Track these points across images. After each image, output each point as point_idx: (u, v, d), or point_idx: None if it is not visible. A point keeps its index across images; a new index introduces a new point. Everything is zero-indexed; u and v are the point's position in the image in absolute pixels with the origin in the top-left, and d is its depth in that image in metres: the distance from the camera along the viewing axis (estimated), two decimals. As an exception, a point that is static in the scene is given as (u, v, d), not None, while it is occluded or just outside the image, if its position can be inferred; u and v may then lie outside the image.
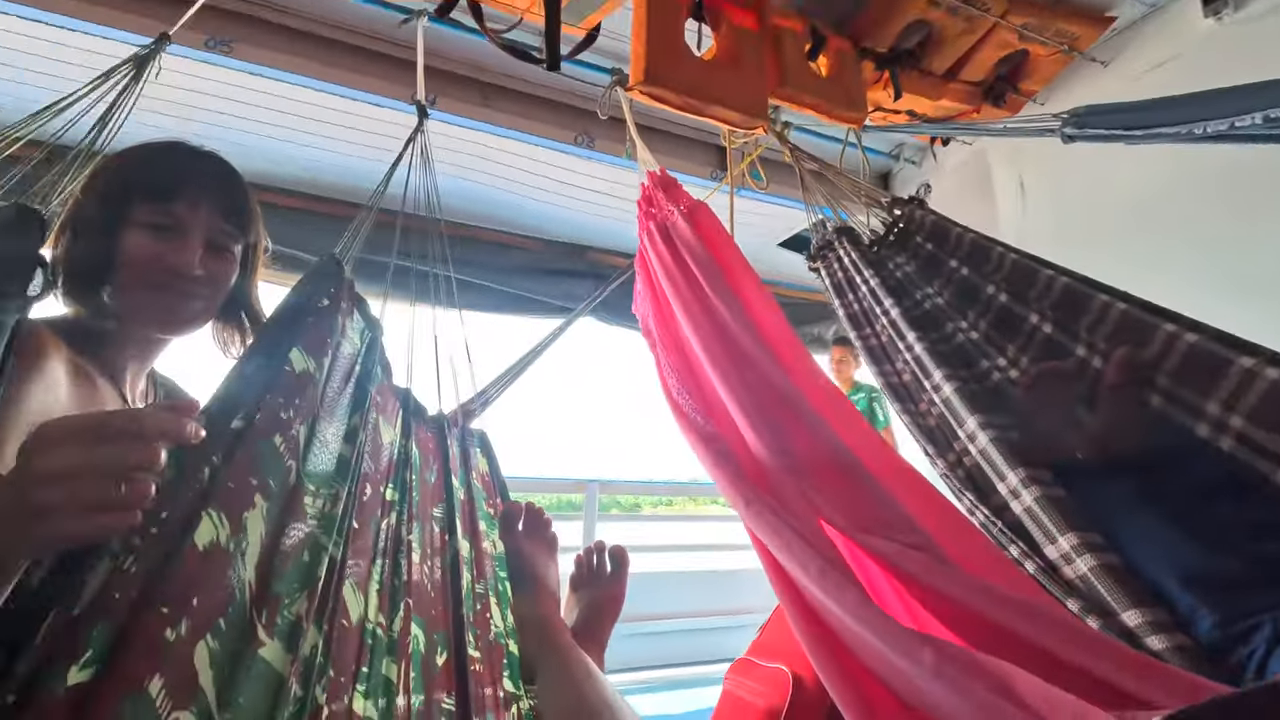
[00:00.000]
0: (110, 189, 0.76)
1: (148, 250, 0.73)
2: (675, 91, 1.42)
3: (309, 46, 1.65)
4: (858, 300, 1.47)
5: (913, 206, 1.45)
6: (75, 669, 0.37)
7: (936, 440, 1.23)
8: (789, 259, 2.87)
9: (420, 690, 0.62)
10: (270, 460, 0.53)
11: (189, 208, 0.76)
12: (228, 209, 0.79)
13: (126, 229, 0.73)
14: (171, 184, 0.75)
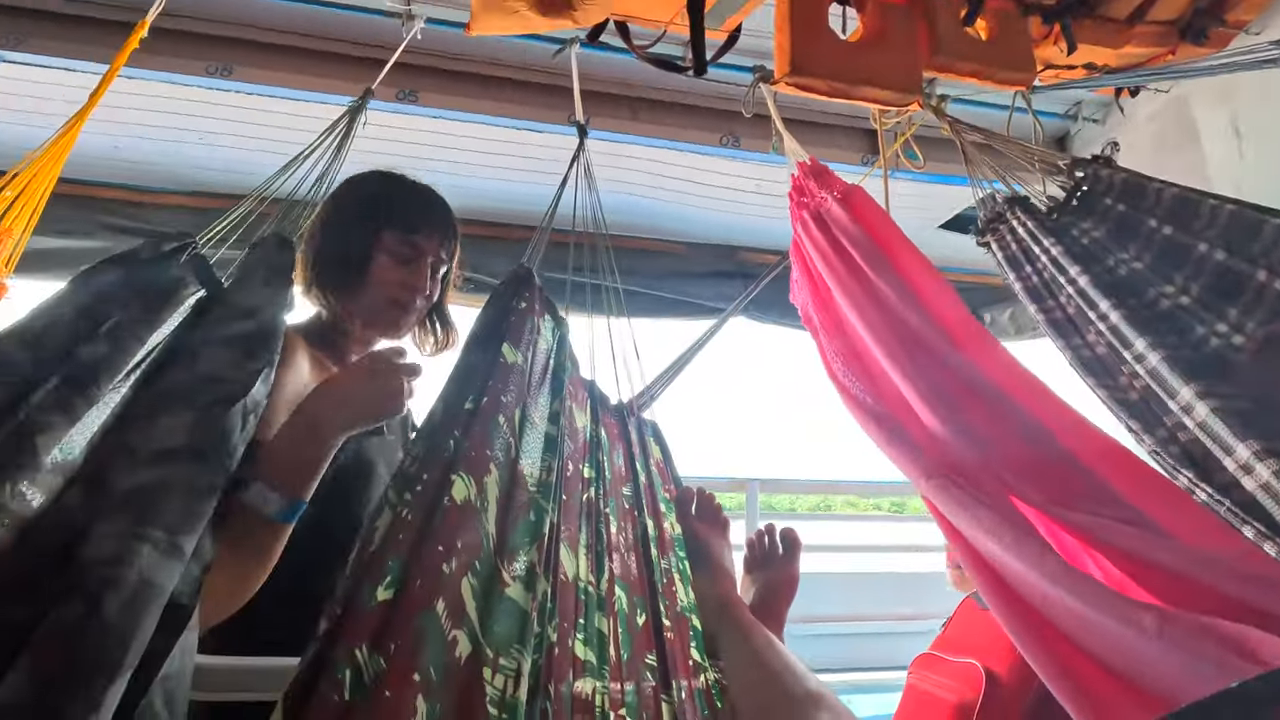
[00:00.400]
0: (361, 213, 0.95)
1: (395, 275, 0.93)
2: (822, 78, 1.42)
3: (480, 87, 1.84)
4: (1037, 272, 1.37)
5: (1097, 166, 1.34)
6: (381, 589, 0.47)
7: (1142, 415, 1.12)
8: (952, 242, 2.70)
9: (628, 646, 0.69)
10: (497, 436, 0.62)
11: (426, 239, 0.95)
12: (446, 238, 0.98)
13: (377, 253, 0.92)
14: (416, 219, 0.95)
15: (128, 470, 0.56)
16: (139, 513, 0.52)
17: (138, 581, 0.48)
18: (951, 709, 1.47)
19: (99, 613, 0.46)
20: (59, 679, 0.43)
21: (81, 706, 0.43)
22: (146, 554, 0.49)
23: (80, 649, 0.44)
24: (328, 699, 0.42)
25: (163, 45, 1.57)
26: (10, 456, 0.53)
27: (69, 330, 0.64)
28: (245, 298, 0.73)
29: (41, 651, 0.44)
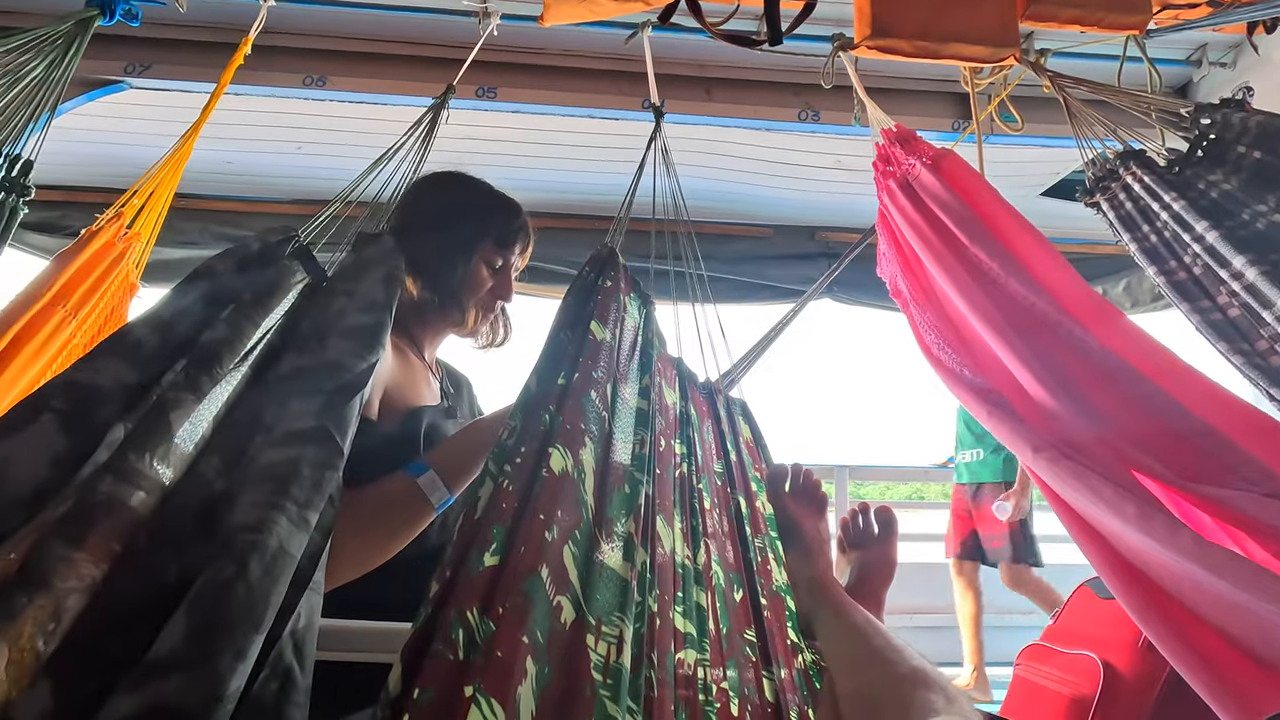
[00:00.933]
0: (471, 218, 1.03)
1: (486, 283, 1.02)
2: (907, 38, 1.35)
3: (555, 78, 1.86)
4: (1156, 232, 1.26)
5: (1228, 110, 1.21)
6: (487, 555, 0.49)
7: (1288, 381, 1.02)
8: (1056, 210, 2.53)
9: (726, 621, 0.68)
10: (590, 410, 0.63)
11: (519, 256, 1.05)
12: (525, 250, 1.07)
13: (475, 260, 1.01)
14: (514, 235, 1.04)
15: (266, 446, 0.61)
16: (276, 486, 0.56)
17: (276, 548, 0.53)
18: (1065, 703, 1.38)
19: (245, 574, 0.50)
20: (211, 631, 0.48)
21: (230, 656, 0.47)
22: (283, 524, 0.54)
23: (229, 605, 0.49)
24: (443, 657, 0.44)
25: (263, 61, 1.68)
26: (148, 431, 0.58)
27: (193, 317, 0.69)
28: (367, 292, 0.78)
29: (197, 606, 0.49)
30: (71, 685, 0.46)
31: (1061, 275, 1.07)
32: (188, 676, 0.46)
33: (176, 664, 0.46)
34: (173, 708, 0.44)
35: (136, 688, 0.45)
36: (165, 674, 0.46)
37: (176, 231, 2.24)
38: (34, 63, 1.28)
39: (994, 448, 2.71)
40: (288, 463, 0.58)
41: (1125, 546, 0.79)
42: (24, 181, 1.22)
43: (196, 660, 0.46)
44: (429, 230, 1.00)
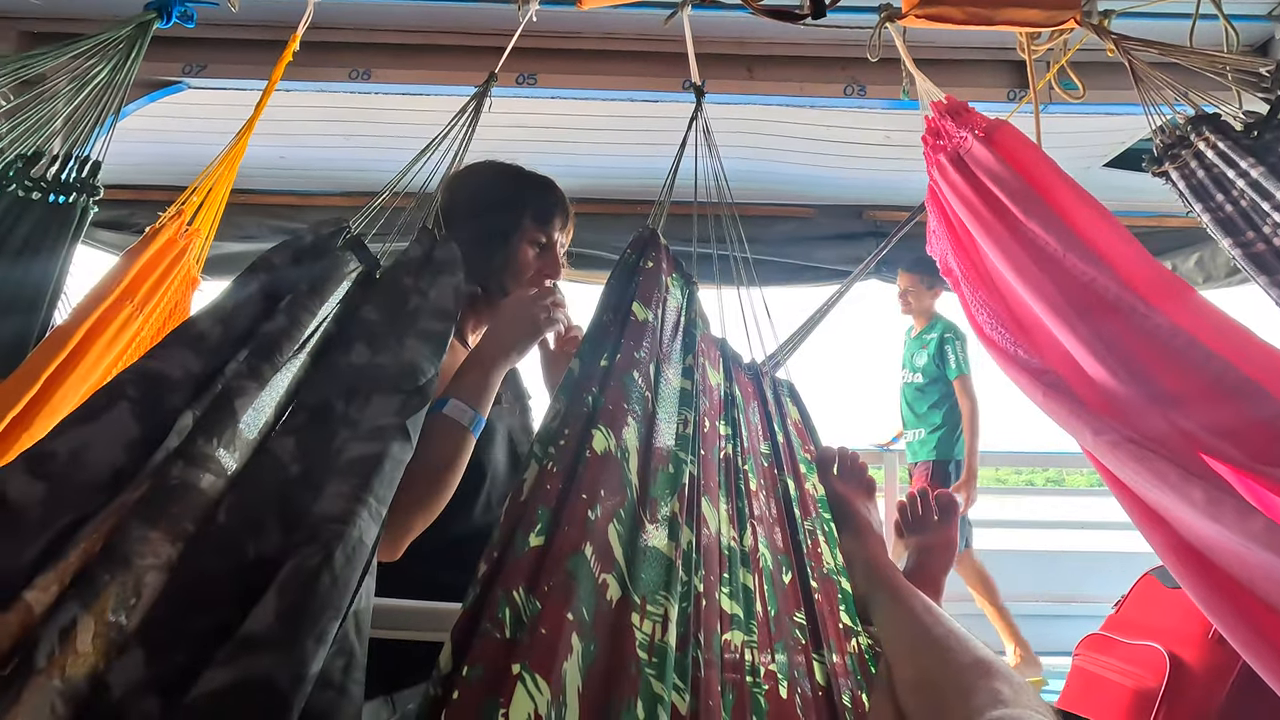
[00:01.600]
0: (511, 203, 1.04)
1: (532, 264, 1.02)
2: (958, 5, 1.30)
3: (595, 62, 1.86)
4: (1231, 201, 1.19)
5: (1314, 66, 1.13)
6: (533, 535, 0.49)
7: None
8: (1120, 182, 2.41)
9: (774, 603, 0.68)
10: (633, 390, 0.63)
11: (561, 232, 1.05)
12: (566, 224, 1.07)
13: (520, 242, 1.02)
14: (554, 213, 1.05)
15: (352, 440, 0.64)
16: (361, 481, 0.59)
17: (357, 539, 0.56)
18: (1129, 695, 1.34)
19: (331, 563, 0.53)
20: (299, 613, 0.51)
21: (314, 639, 0.50)
22: (364, 516, 0.57)
23: (316, 591, 0.52)
24: (491, 635, 0.45)
25: (311, 57, 1.71)
26: (215, 418, 0.61)
27: (253, 308, 0.72)
28: (439, 299, 0.81)
29: (286, 589, 0.52)
30: (163, 656, 0.49)
31: (1125, 249, 1.02)
32: (278, 654, 0.48)
33: (268, 642, 0.49)
34: (264, 682, 0.47)
35: (230, 661, 0.48)
36: (257, 650, 0.49)
37: (235, 226, 2.33)
38: (98, 66, 1.33)
39: (933, 427, 2.61)
40: (373, 458, 0.61)
41: (1193, 533, 0.76)
42: (93, 182, 1.28)
43: (287, 640, 0.49)
44: (467, 221, 1.01)
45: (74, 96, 1.32)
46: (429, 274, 0.82)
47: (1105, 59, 1.47)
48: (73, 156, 1.28)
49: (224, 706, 0.46)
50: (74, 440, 0.55)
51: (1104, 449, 0.86)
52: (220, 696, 0.46)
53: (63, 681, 0.45)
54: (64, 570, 0.50)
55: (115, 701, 0.46)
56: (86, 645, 0.47)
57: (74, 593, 0.49)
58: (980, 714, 0.58)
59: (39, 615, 0.47)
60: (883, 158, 2.36)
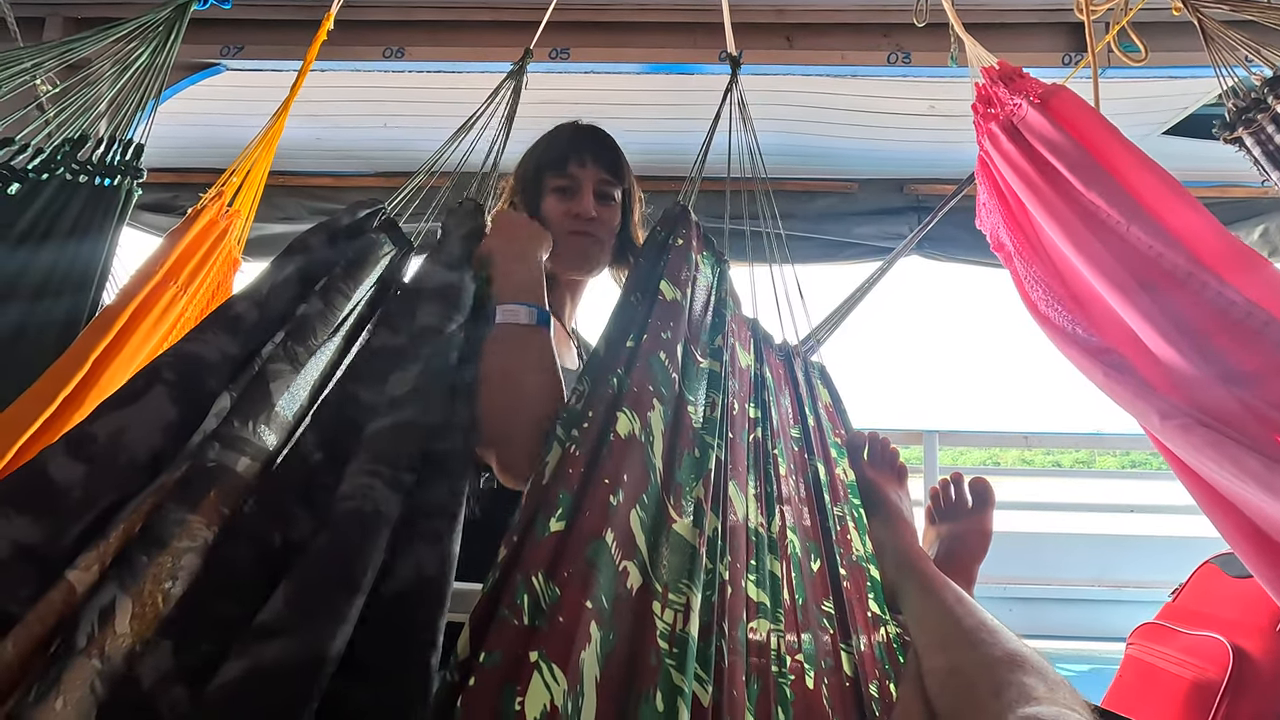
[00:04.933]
0: (529, 173, 1.03)
1: (557, 209, 0.99)
2: (1012, -38, 1.22)
3: (629, 34, 1.82)
4: (1311, 167, 1.10)
5: None
6: (553, 520, 0.48)
7: None
8: (1181, 150, 2.27)
9: (802, 591, 0.66)
10: (659, 372, 0.61)
11: (579, 166, 1.00)
12: (607, 164, 1.02)
13: (544, 198, 0.99)
14: (565, 153, 1.01)
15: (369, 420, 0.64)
16: (373, 454, 0.59)
17: (371, 512, 0.55)
18: (1186, 686, 1.28)
19: (339, 539, 0.53)
20: (307, 595, 0.51)
21: (327, 619, 0.50)
22: (379, 488, 0.56)
23: (324, 570, 0.52)
24: (509, 623, 0.44)
25: (345, 36, 1.72)
26: (250, 400, 0.62)
27: (289, 290, 0.72)
28: (448, 254, 0.79)
29: (296, 574, 0.52)
30: (189, 645, 0.50)
31: (1195, 221, 0.95)
32: (288, 639, 0.48)
33: (278, 628, 0.49)
34: (273, 670, 0.47)
35: (243, 652, 0.48)
36: (266, 639, 0.48)
37: (275, 208, 2.37)
38: (139, 49, 1.35)
39: None
40: (386, 430, 0.61)
41: (1272, 524, 0.71)
42: (137, 165, 1.31)
43: (296, 624, 0.49)
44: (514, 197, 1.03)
45: (116, 80, 1.34)
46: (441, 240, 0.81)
47: (1170, 18, 1.38)
48: (116, 140, 1.30)
49: (238, 698, 0.46)
50: (112, 423, 0.56)
51: (1173, 433, 0.81)
52: (233, 688, 0.46)
53: (102, 661, 0.45)
54: (105, 551, 0.51)
55: (145, 691, 0.47)
56: (125, 626, 0.47)
57: (114, 573, 0.50)
58: (1011, 710, 0.55)
59: (81, 595, 0.48)
60: (927, 129, 2.27)
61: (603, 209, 1.01)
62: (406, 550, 0.56)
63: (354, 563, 0.53)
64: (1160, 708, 1.31)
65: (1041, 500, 3.52)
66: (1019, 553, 2.71)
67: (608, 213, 1.02)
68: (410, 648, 0.51)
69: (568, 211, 0.99)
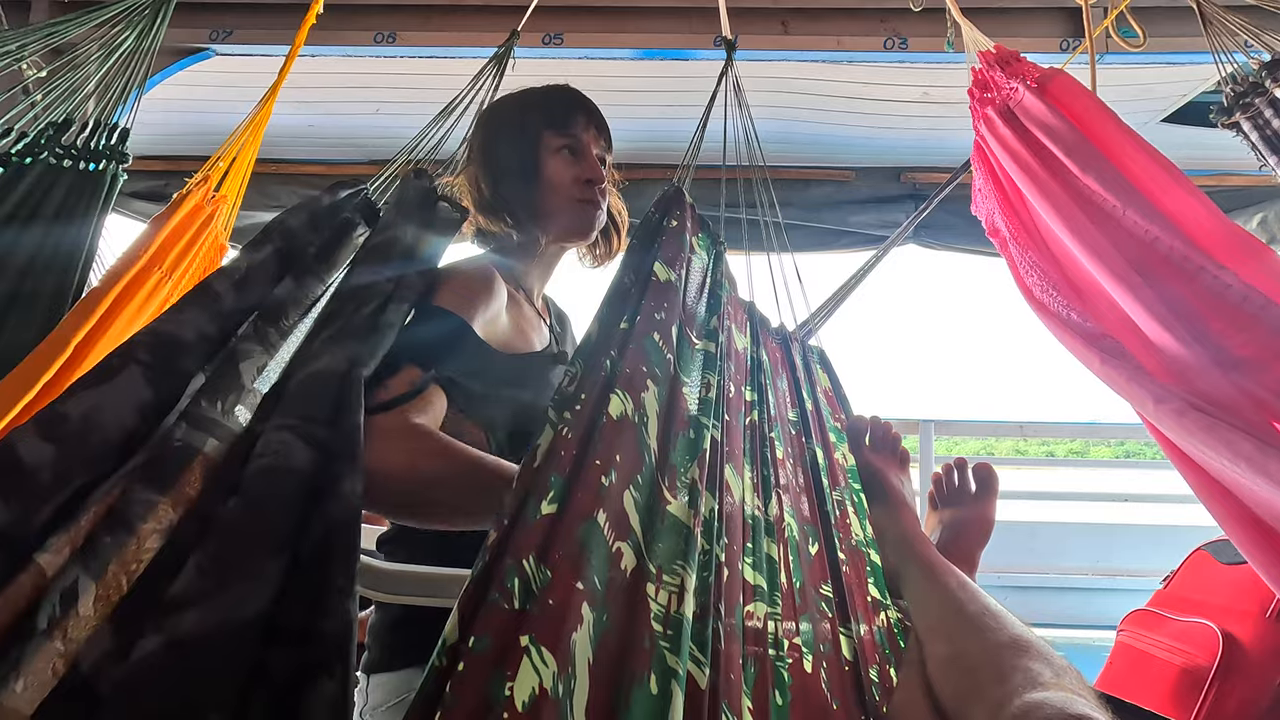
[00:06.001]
0: (522, 130, 0.94)
1: (566, 171, 0.91)
2: (1011, -56, 1.21)
3: (622, 19, 1.80)
4: (1310, 151, 1.09)
5: None
6: (545, 503, 0.47)
7: None
8: (1180, 138, 2.26)
9: (799, 575, 0.65)
10: (653, 353, 0.60)
11: (584, 128, 0.93)
12: (602, 130, 0.96)
13: (546, 158, 0.91)
14: (568, 112, 0.93)
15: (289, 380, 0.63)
16: (284, 409, 0.58)
17: (281, 466, 0.54)
18: (1176, 672, 1.29)
19: (254, 499, 0.52)
20: (220, 561, 0.49)
21: (240, 580, 0.48)
22: (287, 439, 0.55)
23: (234, 529, 0.51)
24: (498, 606, 0.43)
25: (335, 20, 1.69)
26: (220, 379, 0.61)
27: (266, 271, 0.71)
28: (383, 220, 0.80)
29: (207, 541, 0.51)
30: (128, 626, 0.48)
31: (1192, 205, 0.95)
32: (203, 609, 0.47)
33: (191, 598, 0.48)
34: (191, 640, 0.46)
35: (158, 627, 0.47)
36: (181, 610, 0.47)
37: (266, 195, 2.35)
38: (125, 34, 1.33)
39: None
40: (297, 384, 0.60)
41: (1266, 508, 0.70)
42: (123, 149, 1.29)
43: (210, 591, 0.48)
44: (490, 152, 0.94)
45: (103, 64, 1.32)
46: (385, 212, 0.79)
47: (1169, 3, 1.37)
48: (102, 124, 1.29)
49: (156, 671, 0.45)
50: (85, 403, 0.55)
51: (1168, 417, 0.81)
52: (151, 661, 0.45)
53: (64, 644, 0.44)
54: (76, 533, 0.50)
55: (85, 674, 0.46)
56: (89, 609, 0.46)
57: (79, 556, 0.48)
58: (1017, 695, 0.55)
59: (50, 577, 0.47)
60: (922, 116, 2.26)
61: (605, 173, 0.96)
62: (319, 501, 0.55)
63: (266, 523, 0.52)
64: (1150, 693, 1.32)
65: (1036, 489, 3.54)
66: (1014, 541, 2.72)
67: (606, 177, 0.97)
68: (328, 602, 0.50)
69: (577, 176, 0.91)
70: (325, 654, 0.48)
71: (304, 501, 0.53)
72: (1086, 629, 2.42)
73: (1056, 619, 2.62)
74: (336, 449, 0.56)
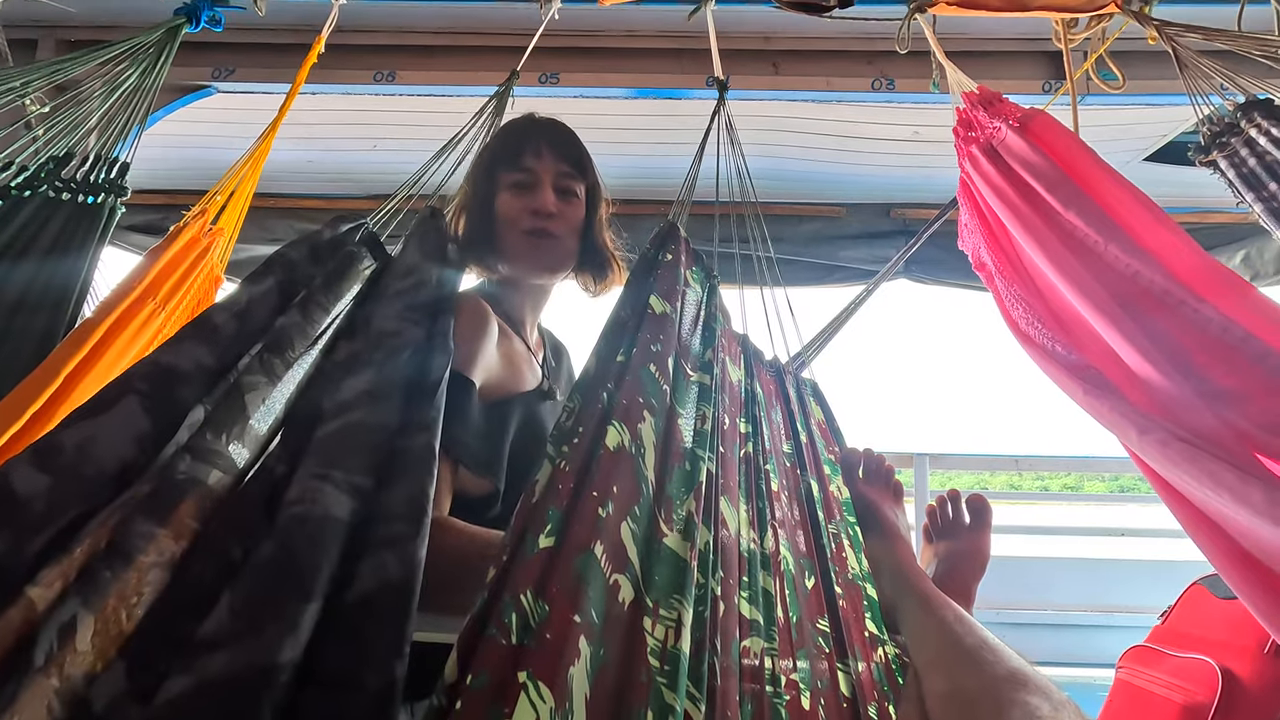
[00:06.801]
0: (481, 170, 0.96)
1: (514, 206, 0.92)
2: (992, -8, 1.25)
3: (618, 60, 1.84)
4: (1285, 189, 1.13)
5: (1375, 45, 1.07)
6: (542, 537, 0.47)
7: None
8: (1162, 176, 2.32)
9: (796, 609, 0.65)
10: (650, 384, 0.60)
11: (535, 159, 0.93)
12: (566, 156, 0.95)
13: (499, 194, 0.92)
14: (520, 145, 0.94)
15: (320, 426, 0.62)
16: (322, 458, 0.57)
17: (320, 516, 0.53)
18: (1176, 710, 1.28)
19: (289, 546, 0.51)
20: (255, 604, 0.49)
21: (277, 626, 0.48)
22: (328, 491, 0.55)
23: (270, 575, 0.50)
24: (496, 643, 0.43)
25: (336, 59, 1.73)
26: (225, 413, 0.60)
27: (269, 303, 0.71)
28: (404, 261, 0.79)
29: (241, 582, 0.50)
30: (144, 665, 0.47)
31: (1171, 240, 0.97)
32: (235, 649, 0.46)
33: (222, 640, 0.47)
34: (219, 684, 0.45)
35: (187, 668, 0.46)
36: (211, 651, 0.46)
37: (263, 229, 2.36)
38: (128, 71, 1.35)
39: None
40: (333, 434, 0.59)
41: (1250, 539, 0.71)
42: (121, 183, 1.30)
43: (242, 633, 0.47)
44: (467, 198, 0.96)
45: (105, 100, 1.34)
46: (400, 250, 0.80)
47: (1146, 47, 1.42)
48: (102, 158, 1.30)
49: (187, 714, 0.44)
50: (81, 433, 0.54)
51: (1151, 448, 0.81)
52: (180, 704, 0.44)
53: (60, 680, 0.43)
54: (69, 565, 0.49)
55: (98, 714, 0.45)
56: (86, 644, 0.45)
57: (76, 589, 0.47)
58: None
59: (41, 611, 0.46)
60: (912, 154, 2.31)
61: (564, 205, 0.93)
62: (369, 555, 0.54)
63: (301, 568, 0.51)
64: (1151, 732, 1.30)
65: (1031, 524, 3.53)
66: (1010, 577, 2.70)
67: (569, 209, 0.94)
68: (374, 655, 0.49)
69: (525, 208, 0.91)
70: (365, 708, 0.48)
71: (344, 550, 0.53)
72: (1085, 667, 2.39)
73: (1054, 656, 2.58)
74: (394, 509, 0.55)
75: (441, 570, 0.58)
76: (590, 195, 0.99)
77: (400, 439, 0.60)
